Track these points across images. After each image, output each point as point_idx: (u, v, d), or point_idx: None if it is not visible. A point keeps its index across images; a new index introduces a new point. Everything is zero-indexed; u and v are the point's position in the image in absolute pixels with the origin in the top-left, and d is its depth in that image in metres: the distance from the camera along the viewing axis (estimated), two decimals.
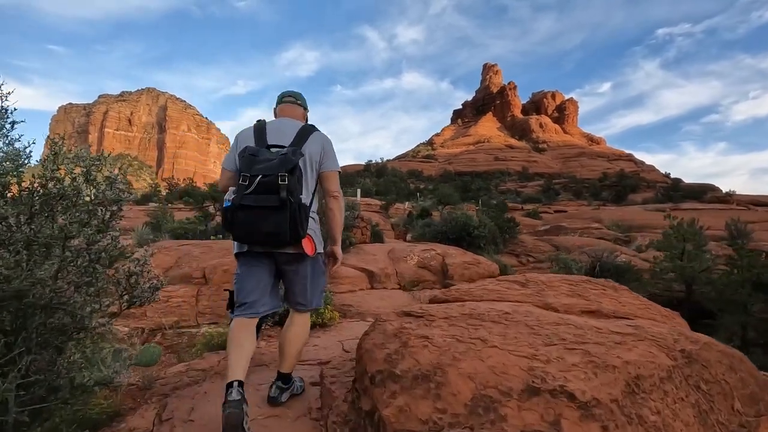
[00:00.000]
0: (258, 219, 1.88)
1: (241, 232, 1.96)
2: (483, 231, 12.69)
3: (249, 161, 1.94)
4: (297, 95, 2.46)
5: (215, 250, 8.18)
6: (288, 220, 1.87)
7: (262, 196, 1.87)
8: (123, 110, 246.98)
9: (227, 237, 14.39)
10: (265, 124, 2.19)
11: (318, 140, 2.17)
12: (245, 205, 1.87)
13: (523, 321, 1.86)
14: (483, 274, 8.20)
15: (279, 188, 1.86)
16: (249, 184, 1.88)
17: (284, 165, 1.89)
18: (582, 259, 9.71)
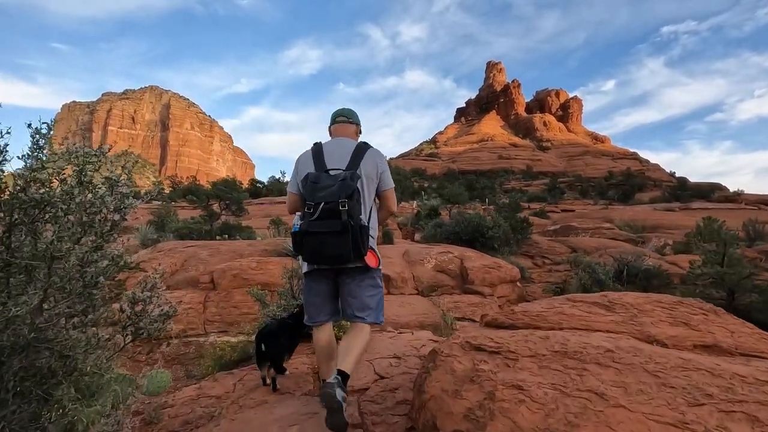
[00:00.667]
0: (323, 243, 2.04)
1: (309, 254, 2.14)
2: (497, 232, 12.26)
3: (311, 189, 2.08)
4: (349, 113, 2.54)
5: (223, 252, 7.80)
6: (350, 243, 2.02)
7: (326, 222, 2.01)
8: (126, 108, 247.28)
9: (234, 237, 14.06)
10: (322, 147, 2.31)
11: (372, 159, 2.28)
12: (311, 231, 2.04)
13: (639, 364, 1.45)
14: (505, 279, 7.78)
15: (340, 213, 1.99)
16: (313, 212, 2.03)
17: (344, 191, 2.01)
18: (604, 261, 9.28)
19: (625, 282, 7.73)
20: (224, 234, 13.35)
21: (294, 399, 2.65)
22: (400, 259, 8.11)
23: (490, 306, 6.80)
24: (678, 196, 51.65)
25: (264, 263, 6.58)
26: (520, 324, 2.11)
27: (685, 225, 22.78)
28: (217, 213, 14.40)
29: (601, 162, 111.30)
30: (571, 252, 13.20)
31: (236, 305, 5.97)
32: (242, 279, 6.21)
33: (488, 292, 7.31)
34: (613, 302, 2.07)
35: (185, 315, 5.77)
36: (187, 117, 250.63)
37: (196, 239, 12.19)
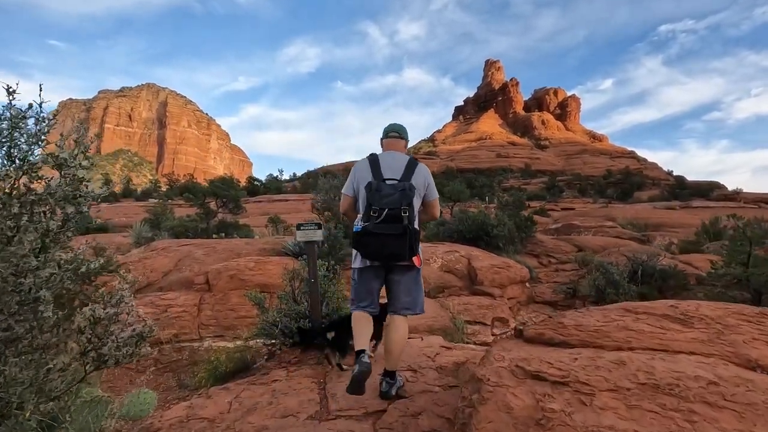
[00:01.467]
0: (384, 242, 2.37)
1: (369, 251, 2.45)
2: (502, 230, 11.91)
3: (376, 196, 2.40)
4: (400, 129, 2.82)
5: (219, 251, 7.42)
6: (407, 244, 2.38)
7: (389, 225, 2.36)
8: (123, 106, 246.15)
9: (231, 235, 13.71)
10: (378, 159, 2.62)
11: (421, 173, 2.61)
12: (375, 232, 2.36)
13: (761, 403, 1.09)
14: (514, 279, 7.43)
15: (402, 218, 2.36)
16: (378, 215, 2.36)
17: (405, 199, 2.39)
18: (616, 261, 8.94)
19: (639, 283, 7.40)
20: (221, 232, 12.97)
21: (298, 424, 2.29)
22: None
23: (501, 308, 6.46)
24: (677, 195, 51.45)
25: (263, 263, 6.20)
26: (574, 341, 1.75)
27: (688, 223, 22.51)
28: (214, 211, 14.02)
29: (599, 160, 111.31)
30: (577, 251, 12.86)
31: (233, 308, 5.60)
32: (239, 280, 5.84)
33: (498, 293, 6.96)
34: (687, 315, 1.72)
35: (178, 319, 5.39)
36: (184, 115, 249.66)
37: (192, 237, 11.82)
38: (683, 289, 7.54)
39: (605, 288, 7.16)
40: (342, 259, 6.95)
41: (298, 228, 4.01)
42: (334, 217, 7.50)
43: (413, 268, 2.55)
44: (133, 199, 50.67)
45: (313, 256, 3.96)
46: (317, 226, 3.99)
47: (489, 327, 5.98)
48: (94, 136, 1.52)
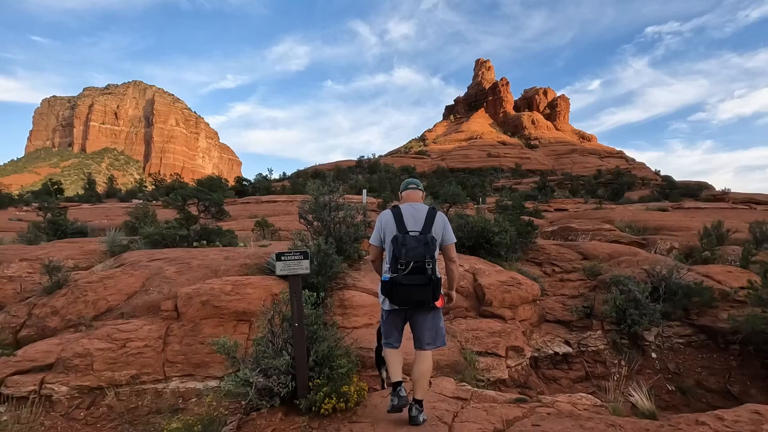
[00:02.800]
0: (411, 291, 2.84)
1: (399, 300, 2.91)
2: (504, 237, 11.17)
3: (402, 249, 2.85)
4: (417, 182, 3.34)
5: (194, 267, 6.54)
6: (431, 292, 2.85)
7: (415, 276, 2.82)
8: (109, 103, 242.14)
9: (213, 243, 12.79)
10: (401, 211, 3.04)
11: (440, 221, 3.05)
12: (403, 283, 2.82)
13: None
14: (526, 299, 6.67)
15: (426, 270, 2.82)
16: (405, 268, 2.82)
17: (428, 252, 2.84)
18: (634, 274, 8.24)
19: (664, 300, 6.69)
20: (202, 239, 12.05)
21: None
22: None
23: (514, 334, 5.68)
24: (667, 195, 51.54)
25: (241, 285, 5.34)
26: None
27: (687, 226, 22.03)
28: (196, 216, 13.07)
29: (589, 160, 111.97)
30: (581, 258, 12.17)
31: (205, 341, 4.75)
32: (213, 307, 4.98)
33: (509, 315, 6.20)
34: None
35: (139, 356, 4.52)
36: (172, 113, 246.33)
37: (170, 247, 10.88)
38: (708, 306, 6.86)
39: (626, 308, 6.45)
40: (333, 277, 6.14)
41: (278, 258, 3.17)
42: (325, 228, 6.67)
43: (436, 309, 2.99)
44: (117, 200, 49.19)
45: (298, 293, 3.13)
46: (302, 256, 3.16)
47: (503, 359, 5.20)
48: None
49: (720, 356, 6.26)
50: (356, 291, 6.03)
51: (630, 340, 6.43)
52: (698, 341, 6.57)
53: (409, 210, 3.02)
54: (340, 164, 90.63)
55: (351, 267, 7.09)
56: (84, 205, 38.73)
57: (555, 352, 6.08)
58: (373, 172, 72.42)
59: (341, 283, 6.23)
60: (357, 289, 6.10)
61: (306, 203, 7.03)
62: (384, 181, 55.56)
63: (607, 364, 6.10)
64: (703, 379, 5.93)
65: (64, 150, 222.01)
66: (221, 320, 4.97)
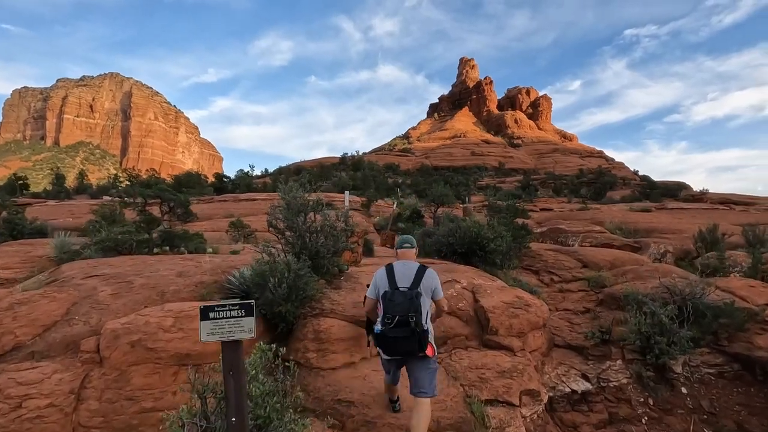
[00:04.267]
0: (398, 343, 3.19)
1: (389, 351, 3.31)
2: (500, 244, 10.20)
3: (390, 305, 3.22)
4: (411, 241, 3.70)
5: (136, 287, 5.34)
6: (416, 342, 3.18)
7: (400, 329, 3.16)
8: (84, 96, 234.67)
9: (177, 248, 11.50)
10: (393, 269, 3.47)
11: (429, 278, 3.46)
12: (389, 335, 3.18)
13: None
14: (536, 323, 5.67)
15: (410, 323, 3.15)
16: (391, 322, 3.17)
17: (411, 307, 3.18)
18: (641, 286, 7.36)
19: (689, 322, 5.79)
20: (165, 245, 10.77)
21: None
22: None
23: (527, 372, 4.67)
24: (647, 195, 51.82)
25: (187, 318, 4.17)
26: None
27: (679, 229, 21.56)
28: (158, 219, 11.75)
29: (570, 160, 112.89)
30: (581, 266, 11.30)
31: (134, 395, 3.59)
32: (146, 349, 3.81)
33: (518, 345, 5.19)
34: None
35: (38, 421, 3.35)
36: (150, 106, 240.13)
37: (126, 254, 9.59)
38: (739, 330, 6.00)
39: (651, 334, 5.52)
40: (306, 301, 5.03)
41: (204, 316, 2.03)
42: (299, 238, 5.55)
43: (426, 358, 3.33)
44: (88, 196, 46.73)
45: (237, 369, 2.02)
46: (243, 311, 2.04)
47: (517, 408, 4.19)
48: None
49: (759, 391, 5.39)
50: (335, 319, 4.93)
51: (656, 372, 5.50)
52: (731, 372, 5.70)
53: (401, 268, 3.44)
54: (324, 161, 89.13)
55: (330, 285, 5.99)
56: (49, 201, 36.48)
57: (572, 390, 5.10)
58: (356, 169, 71.11)
59: (317, 308, 5.13)
60: (336, 316, 5.00)
61: (276, 208, 5.89)
62: (368, 179, 54.37)
63: (632, 403, 5.15)
64: (744, 420, 5.04)
65: (36, 143, 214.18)
66: (157, 366, 3.81)
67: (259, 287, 4.66)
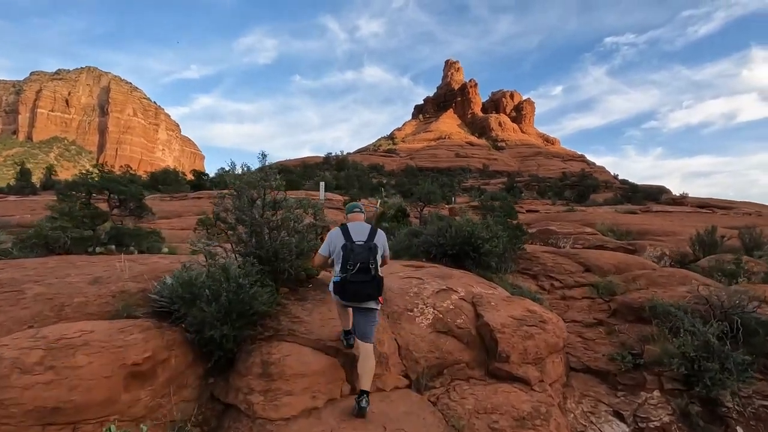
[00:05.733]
0: (359, 288, 3.43)
1: (350, 296, 3.49)
2: (495, 245, 9.04)
3: (350, 253, 3.45)
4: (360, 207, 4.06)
5: (29, 298, 3.93)
6: (376, 287, 3.47)
7: (362, 275, 3.41)
8: (59, 89, 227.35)
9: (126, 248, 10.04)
10: (348, 228, 3.70)
11: (381, 236, 3.79)
12: (352, 281, 3.41)
13: None
14: (555, 345, 4.46)
15: (370, 269, 3.42)
16: (353, 268, 3.39)
17: (371, 254, 3.45)
18: (665, 295, 6.26)
19: (738, 341, 4.70)
20: (111, 243, 9.30)
21: None
22: None
23: (554, 419, 3.45)
24: (629, 198, 51.96)
25: (66, 350, 2.82)
26: None
27: (673, 231, 20.81)
28: (106, 213, 10.25)
29: (553, 163, 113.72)
30: (583, 271, 10.21)
31: None
32: None
33: (535, 376, 3.98)
34: None
35: None
36: (129, 102, 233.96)
37: (61, 253, 8.13)
38: None
39: (697, 357, 4.39)
40: (256, 320, 3.72)
41: None
42: (254, 236, 4.25)
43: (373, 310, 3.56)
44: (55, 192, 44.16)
45: None
46: None
47: None
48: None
49: None
50: (294, 344, 3.64)
51: (704, 407, 4.37)
52: None
53: (355, 227, 3.73)
54: (308, 160, 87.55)
55: (293, 295, 4.69)
56: (10, 197, 34.16)
57: None
58: (341, 169, 69.72)
59: (271, 327, 3.82)
60: (297, 339, 3.71)
61: (223, 195, 4.57)
62: (352, 179, 53.02)
63: None
64: None
65: (7, 138, 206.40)
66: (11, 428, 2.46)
67: (186, 302, 3.35)
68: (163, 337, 3.19)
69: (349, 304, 3.56)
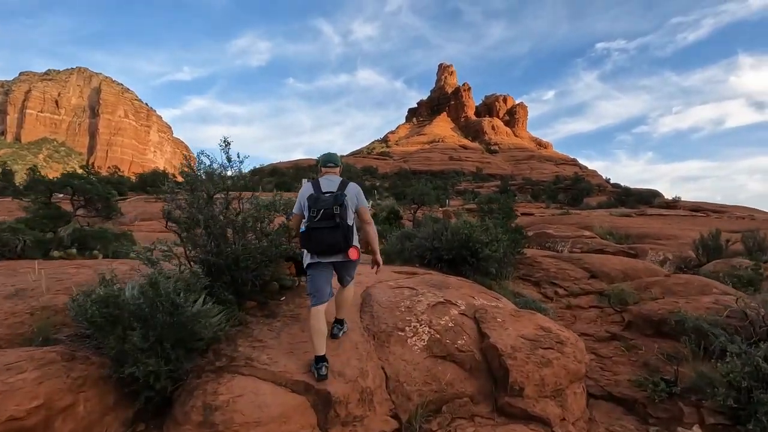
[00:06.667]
0: (323, 235, 3.18)
1: (314, 245, 3.23)
2: (496, 249, 8.28)
3: (314, 201, 3.26)
4: (334, 159, 3.68)
5: None
6: (342, 236, 3.20)
7: (324, 221, 3.17)
8: (49, 90, 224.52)
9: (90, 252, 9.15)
10: (318, 181, 3.49)
11: (352, 187, 3.52)
12: (315, 227, 3.19)
13: None
14: (577, 373, 3.68)
15: (334, 216, 3.18)
16: (316, 215, 3.20)
17: (336, 201, 3.22)
18: (687, 307, 5.52)
19: None
20: (73, 246, 8.42)
21: None
22: (354, 328, 3.79)
23: None
24: (623, 201, 51.67)
25: None
26: None
27: (674, 234, 20.20)
28: (69, 213, 9.35)
29: (546, 167, 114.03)
30: (589, 277, 9.48)
31: None
32: None
33: (556, 413, 3.21)
34: None
35: None
36: (120, 103, 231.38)
37: (10, 258, 7.25)
38: None
39: (747, 385, 3.66)
40: (203, 344, 2.91)
41: None
42: (212, 239, 3.43)
43: (352, 262, 3.40)
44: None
45: None
46: None
47: None
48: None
49: None
50: (253, 378, 2.81)
51: None
52: None
53: (326, 180, 3.48)
54: (300, 162, 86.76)
55: (261, 311, 3.87)
56: None
57: None
58: None
59: (224, 356, 3.01)
60: (255, 372, 2.88)
61: (174, 188, 3.75)
62: None
63: None
64: None
65: None
66: None
67: (99, 327, 2.53)
68: (68, 375, 2.37)
69: (319, 259, 3.28)
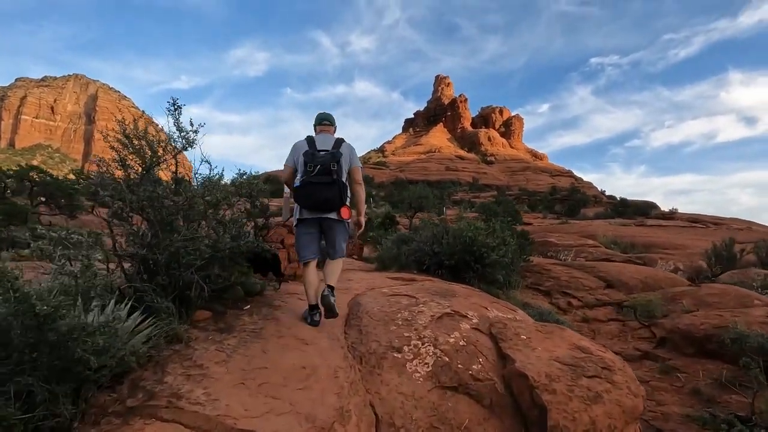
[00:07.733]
0: (319, 190, 3.22)
1: (307, 199, 3.25)
2: (504, 254, 7.39)
3: (311, 157, 3.29)
4: (329, 118, 3.72)
5: None
6: (337, 192, 3.24)
7: (322, 176, 3.21)
8: (45, 97, 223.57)
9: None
10: (314, 138, 3.53)
11: (347, 147, 3.53)
12: (312, 182, 3.22)
13: None
14: (633, 410, 2.76)
15: (332, 172, 3.23)
16: (313, 170, 3.22)
17: (333, 159, 3.27)
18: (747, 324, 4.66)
19: None
20: (24, 247, 7.44)
21: None
22: (336, 351, 2.86)
23: None
24: (620, 213, 51.20)
25: None
26: None
27: (682, 244, 19.45)
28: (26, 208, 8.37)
29: (542, 178, 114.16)
30: (605, 287, 8.59)
31: None
32: None
33: None
34: None
35: None
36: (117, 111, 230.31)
37: None
38: None
39: None
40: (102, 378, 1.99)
41: None
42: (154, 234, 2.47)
43: (341, 222, 3.35)
44: None
45: None
46: None
47: None
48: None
49: None
50: (171, 426, 1.89)
51: None
52: None
53: (321, 138, 3.54)
54: None
55: (215, 323, 2.95)
56: None
57: None
58: None
59: (142, 389, 2.07)
60: (181, 417, 1.95)
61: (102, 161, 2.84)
62: None
63: None
64: None
65: None
66: None
67: None
68: None
69: (309, 215, 3.27)
